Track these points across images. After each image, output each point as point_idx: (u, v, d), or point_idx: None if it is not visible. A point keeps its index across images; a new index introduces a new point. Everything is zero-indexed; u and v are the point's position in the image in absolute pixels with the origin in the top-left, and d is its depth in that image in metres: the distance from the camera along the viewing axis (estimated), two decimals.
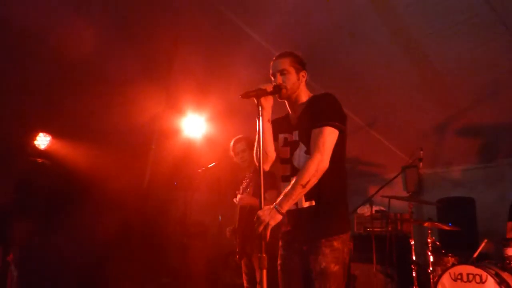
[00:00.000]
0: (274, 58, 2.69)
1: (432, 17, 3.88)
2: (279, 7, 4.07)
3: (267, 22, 4.26)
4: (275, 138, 2.74)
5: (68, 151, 5.98)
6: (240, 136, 4.30)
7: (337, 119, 2.49)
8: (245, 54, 4.66)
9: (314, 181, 2.39)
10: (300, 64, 2.67)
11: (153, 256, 6.56)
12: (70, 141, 5.96)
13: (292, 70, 2.63)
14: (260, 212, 2.29)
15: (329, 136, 2.44)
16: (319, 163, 2.38)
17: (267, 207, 2.33)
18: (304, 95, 2.69)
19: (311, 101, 2.67)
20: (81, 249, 5.91)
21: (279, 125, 2.77)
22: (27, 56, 4.66)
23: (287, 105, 2.76)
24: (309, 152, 2.49)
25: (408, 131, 5.86)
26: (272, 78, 2.66)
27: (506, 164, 5.81)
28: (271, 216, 2.29)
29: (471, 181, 6.21)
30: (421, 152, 5.15)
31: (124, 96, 5.27)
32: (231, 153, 4.29)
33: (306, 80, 2.71)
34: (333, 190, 2.53)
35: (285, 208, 2.36)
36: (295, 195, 2.39)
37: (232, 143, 4.28)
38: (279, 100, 2.68)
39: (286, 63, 2.63)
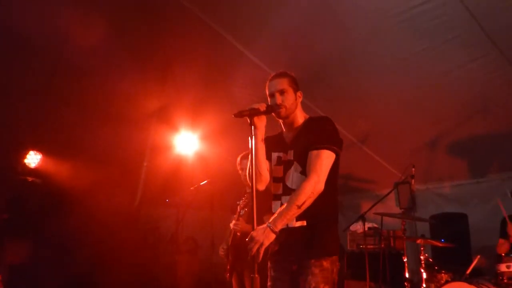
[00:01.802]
0: (270, 77, 2.72)
1: (423, 34, 3.94)
2: (275, 28, 4.11)
3: (263, 43, 4.31)
4: (268, 157, 2.75)
5: (59, 169, 5.91)
6: (246, 152, 4.29)
7: (335, 143, 2.54)
8: (241, 74, 4.71)
9: (309, 202, 2.40)
10: (296, 85, 2.71)
11: (144, 273, 6.47)
12: (61, 159, 5.89)
13: (290, 90, 2.65)
14: (254, 233, 2.28)
15: (327, 159, 2.48)
16: (315, 184, 2.41)
17: (261, 226, 2.32)
18: (300, 115, 2.72)
19: (308, 122, 2.69)
20: (71, 267, 5.81)
21: (272, 143, 2.78)
22: (18, 73, 4.64)
23: (282, 124, 2.77)
24: (304, 173, 2.51)
25: (400, 147, 5.88)
26: (269, 98, 2.68)
27: (497, 179, 5.83)
28: (265, 236, 2.29)
29: (463, 196, 6.22)
30: (413, 169, 5.17)
31: (117, 113, 5.26)
32: (237, 167, 4.27)
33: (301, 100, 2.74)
34: (325, 212, 2.53)
35: (278, 227, 2.35)
36: (290, 215, 2.39)
37: (239, 158, 4.28)
38: (277, 119, 2.70)
39: (284, 83, 2.66)
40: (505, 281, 4.08)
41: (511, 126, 4.95)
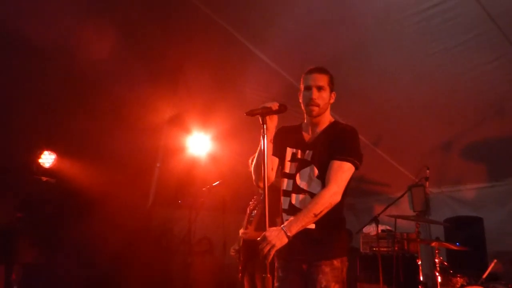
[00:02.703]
0: (309, 69, 2.65)
1: (438, 35, 3.89)
2: (286, 28, 4.10)
3: (274, 42, 4.30)
4: (281, 150, 2.70)
5: (72, 170, 5.98)
6: None
7: (358, 157, 2.53)
8: (252, 74, 4.69)
9: (325, 211, 2.39)
10: (333, 85, 2.67)
11: (157, 275, 6.50)
12: (75, 160, 5.97)
13: (327, 89, 2.62)
14: (267, 233, 2.25)
15: (348, 171, 2.48)
16: (334, 195, 2.41)
17: (275, 228, 2.30)
18: (327, 117, 2.69)
19: (334, 127, 2.66)
20: (85, 268, 5.86)
21: (288, 136, 2.73)
22: (34, 74, 4.71)
23: (307, 120, 2.72)
24: (321, 178, 2.50)
25: (414, 150, 5.82)
26: (303, 91, 2.63)
27: None
28: (278, 238, 2.26)
29: (479, 200, 6.11)
30: (428, 171, 5.10)
31: (129, 115, 5.30)
32: (250, 168, 4.27)
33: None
34: (333, 215, 2.50)
35: (293, 232, 2.31)
36: (306, 221, 2.37)
37: (251, 160, 4.27)
38: (308, 116, 2.65)
39: (325, 80, 2.61)
40: None
41: None
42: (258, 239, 2.27)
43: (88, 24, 4.11)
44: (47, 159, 5.87)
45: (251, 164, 4.21)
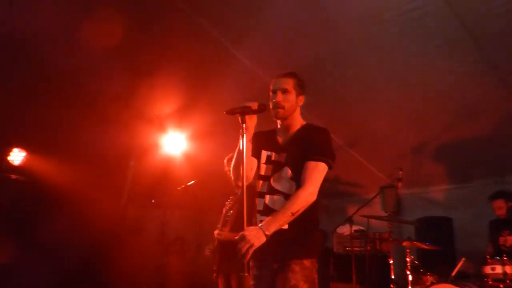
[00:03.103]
0: (277, 75, 2.71)
1: (412, 40, 3.98)
2: (265, 30, 4.11)
3: (253, 43, 4.30)
4: (257, 153, 2.73)
5: (44, 167, 5.83)
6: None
7: (331, 157, 2.57)
8: (230, 75, 4.68)
9: (301, 211, 2.42)
10: (301, 88, 2.69)
11: (130, 274, 6.40)
12: (46, 157, 5.81)
13: (293, 92, 2.64)
14: (246, 232, 2.26)
15: (322, 172, 2.52)
16: (310, 195, 2.44)
17: (253, 227, 2.31)
18: (297, 120, 2.72)
19: (305, 129, 2.69)
20: (56, 268, 5.72)
21: (263, 140, 2.76)
22: (5, 67, 4.56)
23: (278, 124, 2.76)
24: (294, 179, 2.54)
25: (387, 152, 5.94)
26: (271, 94, 2.67)
27: (481, 184, 5.91)
28: (256, 238, 2.27)
29: (448, 201, 6.31)
30: (400, 172, 5.21)
31: (103, 111, 5.20)
32: (225, 168, 4.25)
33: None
34: (306, 216, 2.51)
35: (271, 231, 2.33)
36: (283, 220, 2.40)
37: (226, 160, 4.25)
38: (275, 119, 2.69)
39: (290, 83, 2.65)
40: (490, 283, 4.15)
41: (497, 132, 5.02)
42: (236, 238, 2.27)
43: (62, 17, 4.01)
44: (16, 156, 5.71)
45: (227, 164, 4.23)
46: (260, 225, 2.35)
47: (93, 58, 4.52)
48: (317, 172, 2.49)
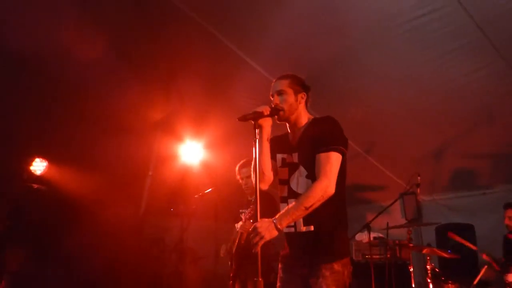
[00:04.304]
0: (274, 79, 2.72)
1: (427, 44, 3.95)
2: (278, 36, 4.13)
3: (266, 50, 4.33)
4: (273, 157, 2.72)
5: (64, 177, 5.92)
6: (245, 160, 4.25)
7: (341, 143, 2.50)
8: (244, 82, 4.72)
9: (317, 205, 2.37)
10: (300, 86, 2.68)
11: (149, 284, 6.44)
12: (67, 167, 5.92)
13: (290, 91, 2.63)
14: (258, 224, 2.27)
15: (336, 161, 2.45)
16: (326, 188, 2.37)
17: (266, 219, 2.31)
18: (303, 117, 2.69)
19: (312, 123, 2.66)
20: (75, 277, 5.79)
21: (277, 144, 2.75)
22: (26, 81, 4.69)
23: (288, 127, 2.75)
24: (310, 177, 2.49)
25: (405, 158, 5.86)
26: (271, 99, 2.67)
27: (504, 190, 5.79)
28: (268, 230, 2.27)
29: (469, 207, 6.17)
30: (419, 177, 5.13)
31: (122, 124, 5.28)
32: (237, 176, 4.26)
33: (306, 102, 2.71)
34: (333, 217, 2.49)
35: (283, 225, 2.33)
36: (296, 215, 2.37)
37: (237, 167, 4.26)
38: (278, 122, 2.68)
39: (284, 84, 2.64)
40: None
41: None
42: (250, 229, 2.29)
43: (78, 31, 4.11)
44: (38, 166, 5.82)
45: (238, 171, 4.24)
46: (273, 218, 2.34)
47: (109, 71, 4.61)
48: (329, 162, 2.42)
